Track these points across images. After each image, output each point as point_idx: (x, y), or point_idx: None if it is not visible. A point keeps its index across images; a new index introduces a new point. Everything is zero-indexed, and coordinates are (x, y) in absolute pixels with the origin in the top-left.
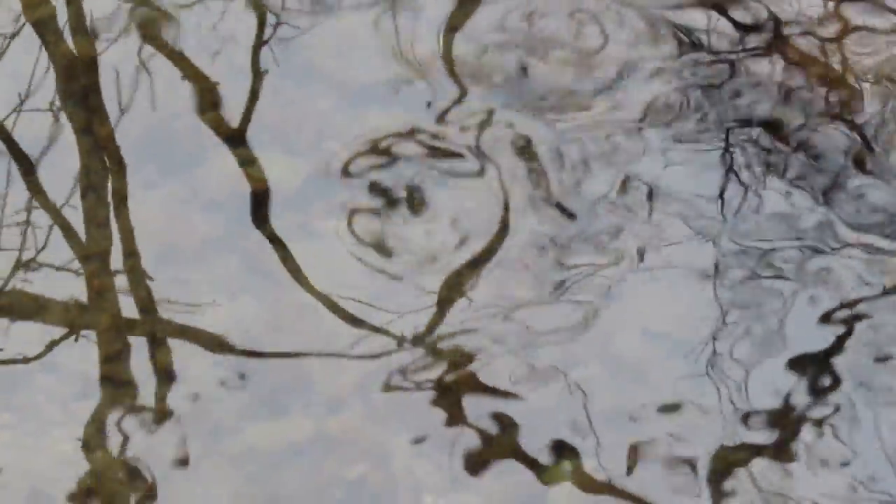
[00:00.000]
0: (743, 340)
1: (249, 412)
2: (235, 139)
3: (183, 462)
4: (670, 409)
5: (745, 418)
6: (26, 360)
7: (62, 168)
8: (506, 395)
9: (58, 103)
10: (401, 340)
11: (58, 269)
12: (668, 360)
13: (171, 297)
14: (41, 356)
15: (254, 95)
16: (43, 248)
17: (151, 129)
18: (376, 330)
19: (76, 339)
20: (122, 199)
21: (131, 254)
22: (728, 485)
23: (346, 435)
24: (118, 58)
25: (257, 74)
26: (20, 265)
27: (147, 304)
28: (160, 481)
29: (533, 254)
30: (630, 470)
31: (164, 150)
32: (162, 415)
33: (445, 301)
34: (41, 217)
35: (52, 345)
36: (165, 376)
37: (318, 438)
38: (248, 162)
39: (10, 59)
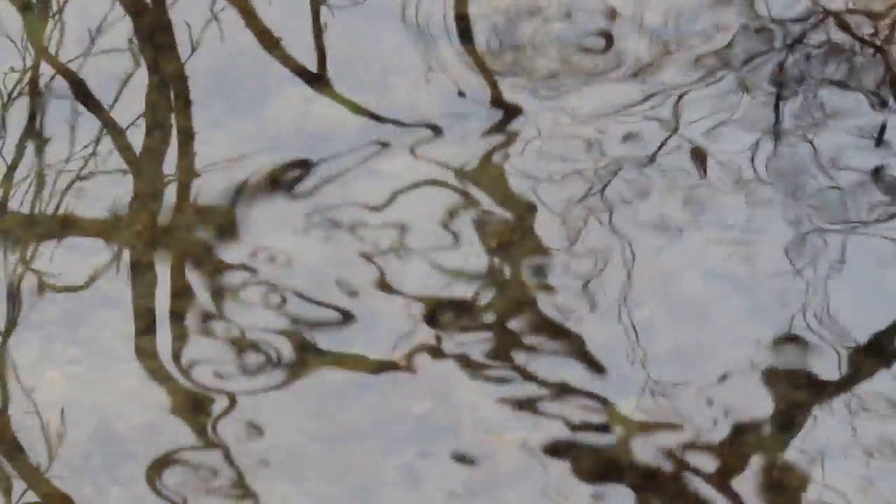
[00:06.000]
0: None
1: (313, 347)
2: (301, 77)
3: (246, 397)
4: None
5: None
6: (92, 296)
7: (130, 106)
8: (567, 334)
9: (127, 41)
10: (464, 278)
11: (125, 205)
12: (730, 300)
13: (235, 235)
14: (108, 291)
15: (320, 33)
16: (110, 185)
17: (219, 67)
18: (441, 269)
19: (142, 275)
20: (188, 136)
21: (197, 191)
22: (787, 420)
23: (409, 370)
24: None
25: (324, 12)
26: (88, 201)
27: (213, 242)
28: (224, 417)
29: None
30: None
31: (230, 88)
32: (224, 351)
33: (508, 242)
34: (108, 154)
35: (118, 280)
36: (230, 312)
37: (381, 373)
38: (312, 99)
39: None
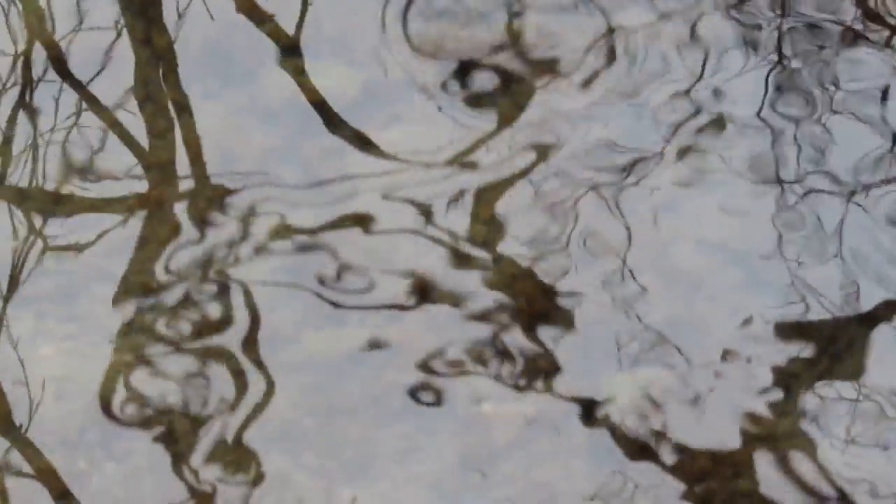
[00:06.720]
0: (798, 249)
1: (307, 321)
2: (293, 49)
3: (240, 372)
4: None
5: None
6: (86, 271)
7: (122, 80)
8: (561, 306)
9: (117, 15)
10: (458, 251)
11: (118, 179)
12: (724, 271)
13: (229, 207)
14: (101, 266)
15: (312, 5)
16: (102, 159)
17: (211, 40)
18: (433, 240)
19: (136, 249)
20: (180, 109)
21: (190, 164)
22: (780, 393)
23: (403, 344)
24: None
25: None
26: (80, 175)
27: (207, 215)
28: (218, 391)
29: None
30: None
31: (223, 61)
32: (220, 325)
33: (500, 214)
34: (100, 128)
35: (112, 255)
36: (222, 285)
37: (375, 347)
38: (305, 72)
39: None
